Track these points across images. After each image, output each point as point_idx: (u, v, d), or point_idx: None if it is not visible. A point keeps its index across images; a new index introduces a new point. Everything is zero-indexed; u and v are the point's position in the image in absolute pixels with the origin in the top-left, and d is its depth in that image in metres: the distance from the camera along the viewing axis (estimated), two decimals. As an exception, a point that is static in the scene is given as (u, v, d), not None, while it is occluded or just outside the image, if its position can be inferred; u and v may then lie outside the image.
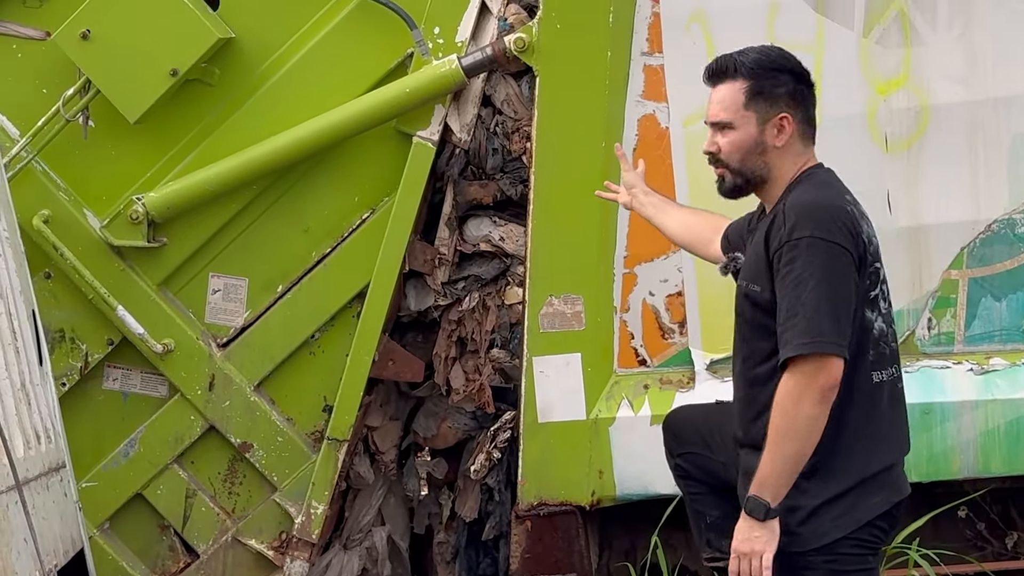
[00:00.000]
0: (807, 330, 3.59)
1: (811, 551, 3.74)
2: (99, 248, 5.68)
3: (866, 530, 3.75)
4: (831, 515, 3.73)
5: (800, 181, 3.83)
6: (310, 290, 5.72)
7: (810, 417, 3.61)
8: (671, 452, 4.46)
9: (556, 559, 5.63)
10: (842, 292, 3.63)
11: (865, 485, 3.74)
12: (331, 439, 5.67)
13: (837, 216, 3.68)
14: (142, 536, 5.91)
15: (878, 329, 3.76)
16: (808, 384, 3.60)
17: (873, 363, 3.75)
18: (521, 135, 5.69)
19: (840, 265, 3.64)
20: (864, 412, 3.74)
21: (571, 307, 5.58)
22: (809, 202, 3.72)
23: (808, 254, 3.63)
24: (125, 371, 5.83)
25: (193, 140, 5.70)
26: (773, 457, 3.66)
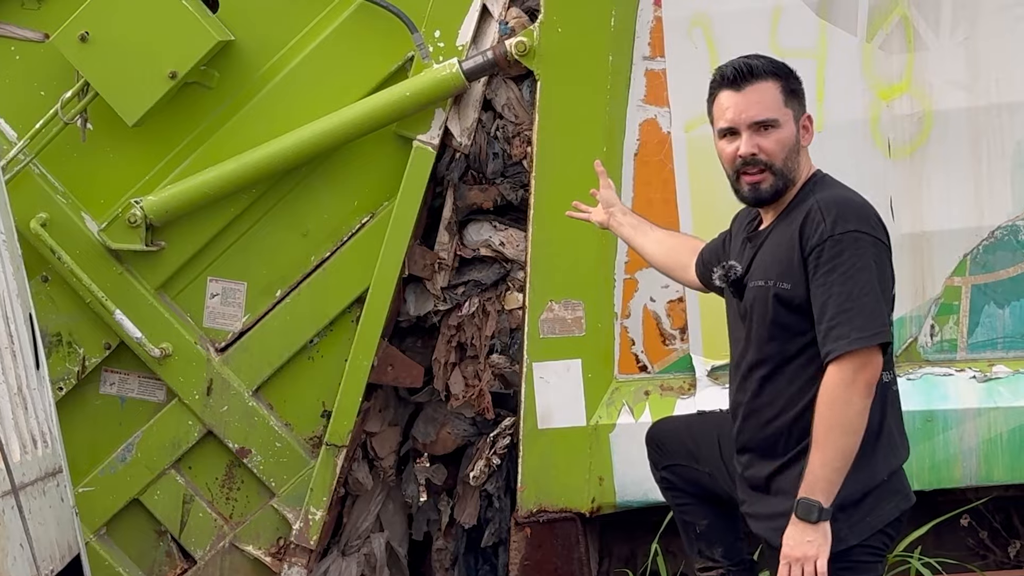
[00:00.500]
0: (866, 324, 3.61)
1: None
2: (97, 252, 5.70)
3: (878, 537, 3.77)
4: (849, 521, 3.72)
5: (816, 183, 3.85)
6: (309, 295, 5.73)
7: (860, 411, 3.62)
8: (656, 465, 4.45)
9: (556, 566, 5.62)
10: (888, 286, 3.71)
11: (880, 490, 3.75)
12: (330, 444, 5.68)
13: (872, 212, 3.74)
14: (139, 542, 5.92)
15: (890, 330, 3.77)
16: (856, 377, 3.61)
17: (885, 362, 3.75)
18: (522, 139, 5.69)
19: (884, 259, 3.71)
20: (879, 412, 3.75)
21: (572, 312, 5.57)
22: (845, 199, 3.76)
23: (856, 247, 3.65)
24: (123, 375, 5.84)
25: (192, 143, 5.71)
26: (825, 455, 3.63)
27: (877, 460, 3.74)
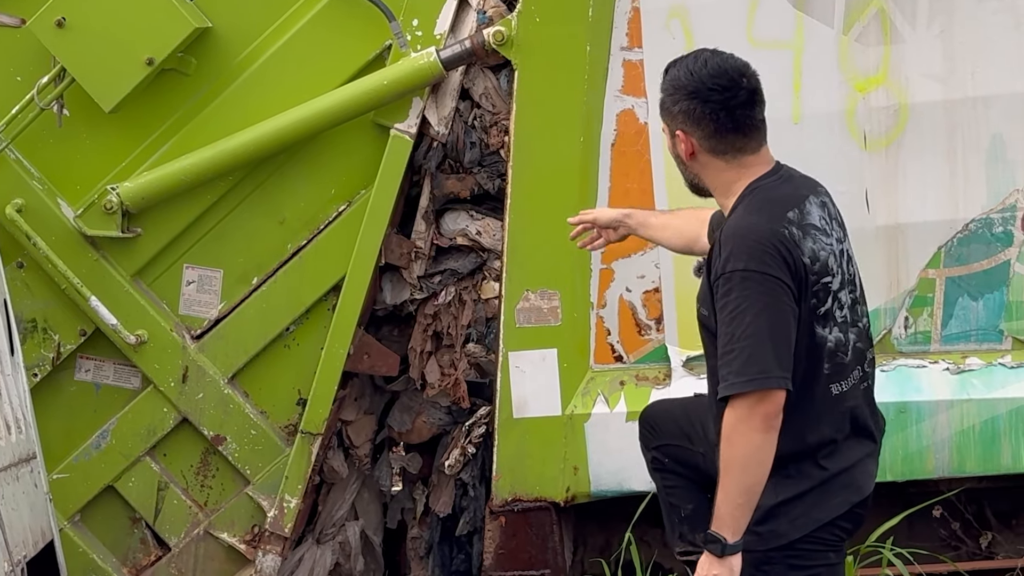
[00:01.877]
0: (744, 368, 3.60)
1: (771, 549, 3.75)
2: (73, 238, 5.67)
3: (826, 529, 3.77)
4: (789, 516, 3.74)
5: (739, 202, 3.80)
6: (285, 283, 5.73)
7: (758, 447, 3.61)
8: (647, 444, 4.48)
9: (530, 555, 5.65)
10: (779, 324, 3.63)
11: (825, 486, 3.76)
12: (305, 432, 5.68)
13: (769, 245, 3.66)
14: (113, 529, 5.91)
15: (833, 341, 3.75)
16: (750, 416, 3.60)
17: (830, 376, 3.75)
18: (499, 129, 5.70)
19: (775, 297, 3.63)
20: (823, 423, 3.76)
21: (548, 302, 5.61)
22: (742, 231, 3.71)
23: (741, 287, 3.63)
24: (98, 362, 5.83)
25: (169, 130, 5.69)
26: (727, 492, 3.65)
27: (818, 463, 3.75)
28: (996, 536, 5.82)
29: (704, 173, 3.87)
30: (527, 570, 5.66)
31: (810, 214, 3.78)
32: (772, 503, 3.73)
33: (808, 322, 3.71)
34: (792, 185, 3.86)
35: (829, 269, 3.75)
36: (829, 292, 3.74)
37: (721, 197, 3.87)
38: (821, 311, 3.73)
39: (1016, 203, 5.48)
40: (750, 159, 3.83)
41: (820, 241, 3.75)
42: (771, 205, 3.76)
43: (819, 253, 3.73)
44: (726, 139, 3.79)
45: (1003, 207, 5.50)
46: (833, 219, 3.86)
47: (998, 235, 5.50)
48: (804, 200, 3.81)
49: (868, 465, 3.87)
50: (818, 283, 3.72)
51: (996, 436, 5.48)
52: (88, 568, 5.84)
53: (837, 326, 3.76)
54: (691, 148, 3.82)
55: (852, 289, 3.86)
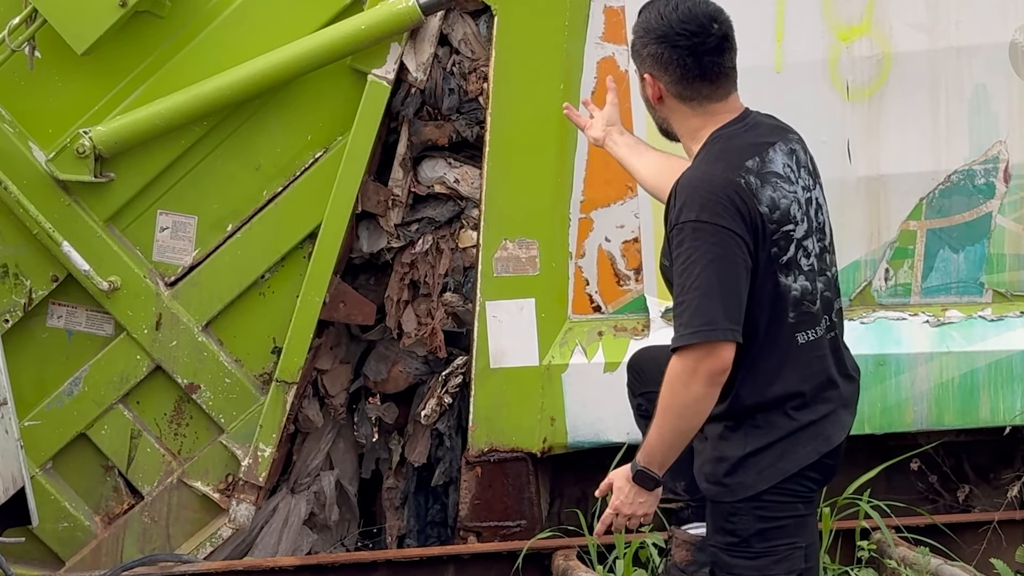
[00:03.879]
0: (692, 319, 3.66)
1: (738, 500, 3.85)
2: (44, 182, 5.64)
3: (795, 480, 3.85)
4: (757, 467, 3.82)
5: (700, 151, 3.85)
6: (260, 230, 5.73)
7: (697, 399, 3.71)
8: (633, 391, 4.52)
9: (506, 506, 5.71)
10: (729, 276, 3.67)
11: (793, 437, 3.83)
12: (280, 381, 5.70)
13: (723, 195, 3.70)
14: (85, 476, 5.92)
15: (799, 289, 3.80)
16: (695, 369, 3.68)
17: (795, 325, 3.81)
18: (478, 75, 5.70)
19: (726, 248, 3.67)
20: (790, 373, 3.82)
21: (526, 251, 5.64)
22: (696, 182, 3.75)
23: (693, 238, 3.68)
24: (70, 309, 5.83)
25: (143, 73, 5.66)
26: (661, 432, 3.76)
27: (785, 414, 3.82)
28: (973, 489, 5.93)
29: (671, 118, 3.94)
30: (503, 521, 5.72)
31: (772, 162, 3.82)
32: (740, 454, 3.84)
33: (770, 271, 3.77)
34: (756, 133, 3.90)
35: (791, 217, 3.79)
36: (791, 240, 3.79)
37: (687, 142, 3.94)
38: (783, 259, 3.78)
39: (999, 155, 5.55)
40: (717, 106, 3.88)
41: (781, 189, 3.79)
42: (730, 154, 3.81)
43: (779, 201, 3.77)
44: (692, 85, 3.85)
45: (986, 159, 5.57)
46: (802, 166, 3.90)
47: (980, 187, 5.57)
48: (768, 148, 3.85)
49: (840, 415, 3.93)
50: (778, 231, 3.76)
51: (975, 389, 5.58)
52: (60, 515, 5.87)
53: (803, 274, 3.82)
54: (658, 92, 3.89)
55: (820, 237, 3.90)
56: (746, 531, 3.87)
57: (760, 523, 3.86)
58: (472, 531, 5.75)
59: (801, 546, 3.93)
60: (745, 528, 3.87)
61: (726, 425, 3.87)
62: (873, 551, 5.34)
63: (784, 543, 3.89)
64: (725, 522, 3.90)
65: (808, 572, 3.98)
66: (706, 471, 3.91)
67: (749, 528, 3.87)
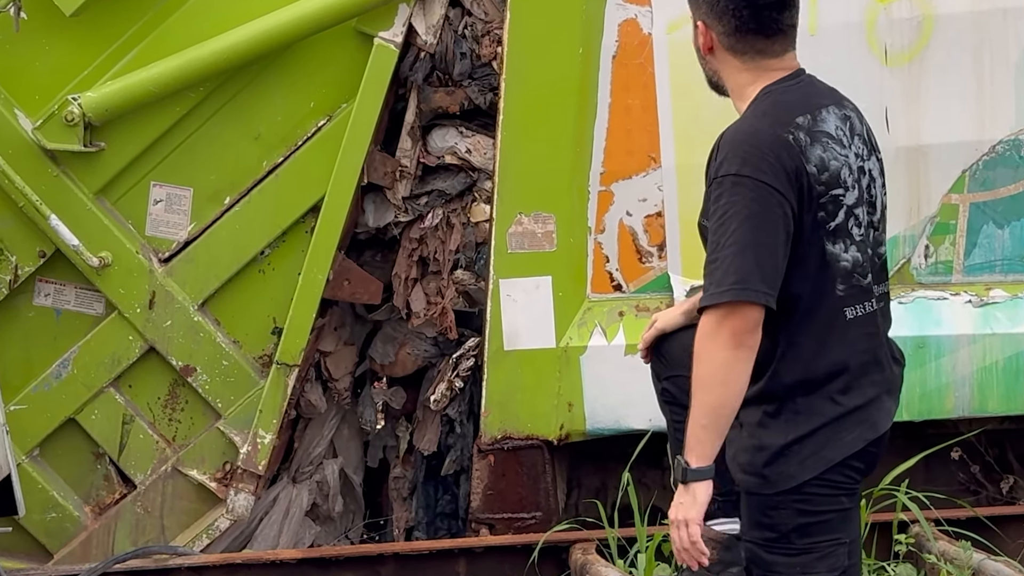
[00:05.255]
0: (723, 278, 3.61)
1: (778, 493, 3.78)
2: (31, 152, 5.63)
3: (838, 470, 3.79)
4: (799, 456, 3.76)
5: (748, 107, 3.82)
6: (260, 203, 5.72)
7: (724, 364, 3.64)
8: (658, 375, 4.48)
9: (520, 496, 5.70)
10: (766, 234, 3.63)
11: (837, 423, 3.77)
12: (280, 364, 5.69)
13: (768, 149, 3.66)
14: (75, 464, 5.92)
15: (849, 260, 3.76)
16: (718, 329, 3.63)
17: (844, 298, 3.76)
18: (492, 39, 5.69)
19: (766, 205, 3.63)
20: (835, 349, 3.77)
21: (542, 226, 5.61)
22: (740, 135, 3.72)
23: (731, 193, 3.64)
24: (58, 286, 5.81)
25: (135, 36, 5.63)
26: (694, 412, 3.70)
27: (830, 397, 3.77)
28: (1018, 480, 5.90)
29: (721, 70, 3.89)
30: (517, 512, 5.71)
31: (824, 121, 3.78)
32: (781, 443, 3.76)
33: (816, 236, 3.71)
34: (809, 92, 3.85)
35: (841, 180, 3.74)
36: (841, 205, 3.74)
37: (736, 99, 3.88)
38: (831, 225, 3.73)
39: (1048, 123, 5.51)
40: (770, 62, 3.83)
41: (832, 150, 3.74)
42: (779, 109, 3.76)
43: (829, 163, 3.73)
44: (746, 39, 3.80)
45: (1034, 128, 5.53)
46: (856, 134, 3.85)
47: (1027, 158, 5.53)
48: (821, 108, 3.80)
49: (885, 401, 3.87)
50: (826, 194, 3.71)
51: (1020, 373, 5.55)
52: (47, 505, 5.86)
53: (855, 244, 3.78)
54: (710, 42, 3.85)
55: (870, 211, 3.86)
56: (786, 526, 3.81)
57: (801, 517, 3.80)
58: (484, 523, 5.73)
59: (844, 542, 3.86)
60: (785, 522, 3.81)
61: (765, 411, 3.79)
62: (911, 545, 5.30)
63: (827, 539, 3.82)
64: (763, 516, 3.83)
65: (851, 570, 3.91)
66: (742, 461, 3.83)
67: (789, 522, 3.80)
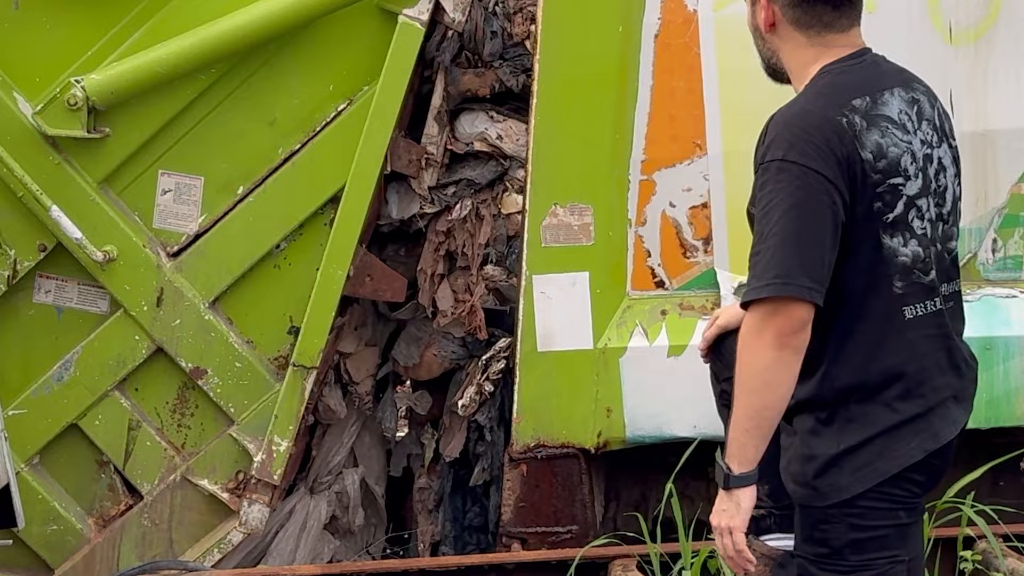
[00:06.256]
0: (765, 271, 3.63)
1: (830, 506, 3.77)
2: (31, 138, 5.65)
3: (894, 483, 3.76)
4: (852, 467, 3.74)
5: (807, 85, 3.83)
6: (276, 193, 5.72)
7: (767, 365, 3.63)
8: (717, 376, 4.51)
9: (555, 509, 5.68)
10: (813, 225, 3.62)
11: (894, 432, 3.75)
12: (297, 366, 5.70)
13: (817, 134, 3.66)
14: (77, 473, 5.94)
15: (908, 255, 3.73)
16: (761, 329, 3.62)
17: (903, 296, 3.73)
18: (524, 16, 5.71)
19: (812, 193, 3.62)
20: (892, 351, 3.74)
21: (578, 218, 5.58)
22: (788, 117, 3.73)
23: (776, 180, 3.65)
24: (60, 282, 5.83)
25: (143, 13, 5.66)
26: (736, 414, 3.72)
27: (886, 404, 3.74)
28: (1096, 493, 5.88)
29: (782, 49, 3.88)
30: (551, 526, 5.69)
31: (886, 105, 3.76)
32: (833, 452, 3.74)
33: (870, 229, 3.69)
34: (873, 72, 3.84)
35: (901, 169, 3.72)
36: (899, 196, 3.71)
37: (797, 81, 3.88)
38: (889, 217, 3.70)
39: None
40: (835, 37, 3.83)
41: (892, 136, 3.72)
42: (835, 90, 3.75)
43: (888, 149, 3.70)
44: (813, 9, 3.80)
45: (1112, 111, 5.55)
46: (925, 119, 3.82)
47: (1103, 144, 5.56)
48: (883, 90, 3.78)
49: (951, 409, 3.84)
50: (883, 183, 3.69)
51: (1095, 377, 5.56)
52: (48, 517, 5.88)
53: (915, 238, 3.74)
54: (772, 17, 3.85)
55: (939, 203, 3.83)
56: (838, 541, 3.79)
57: (854, 532, 3.78)
58: (516, 537, 5.73)
59: (903, 559, 3.84)
60: (837, 537, 3.79)
61: (817, 417, 3.78)
62: (978, 562, 5.29)
63: (883, 556, 3.80)
64: (814, 530, 3.82)
65: (911, 589, 3.93)
66: (793, 471, 3.83)
67: (842, 538, 3.78)
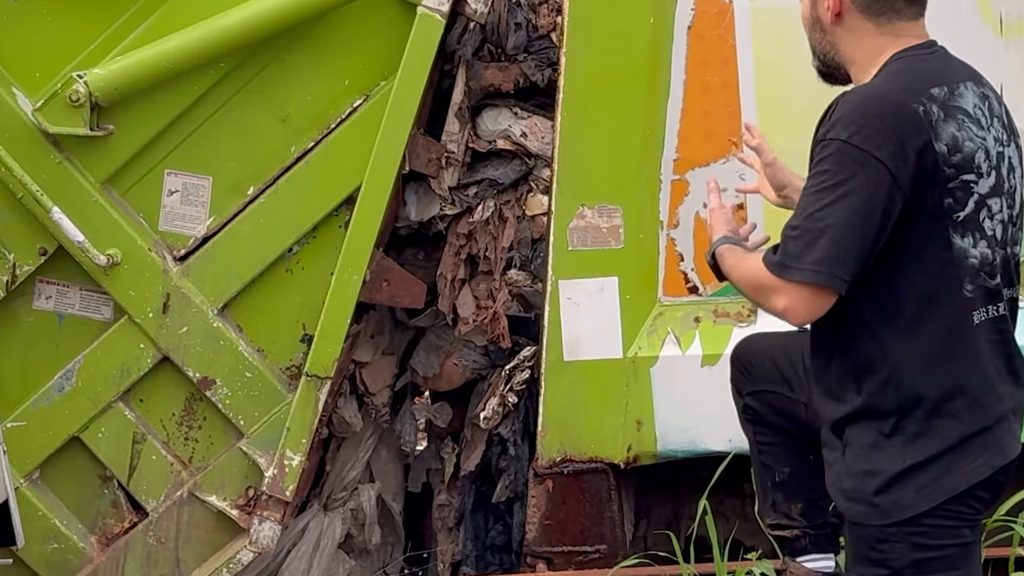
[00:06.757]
0: (803, 252, 3.62)
1: (891, 524, 3.73)
2: (30, 136, 5.59)
3: (960, 500, 3.72)
4: (916, 483, 3.70)
5: (882, 70, 3.79)
6: (288, 193, 5.68)
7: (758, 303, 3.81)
8: (739, 390, 4.48)
9: (582, 527, 5.65)
10: (862, 217, 3.60)
11: (962, 447, 3.71)
12: (311, 376, 5.65)
13: (890, 120, 3.63)
14: (79, 489, 5.91)
15: (978, 257, 3.69)
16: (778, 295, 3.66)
17: (972, 300, 3.70)
18: (550, 7, 5.72)
19: (872, 184, 3.59)
20: (962, 360, 3.72)
21: (607, 220, 5.56)
22: (862, 97, 3.71)
23: (835, 161, 3.63)
24: (61, 287, 5.77)
25: (148, 5, 5.59)
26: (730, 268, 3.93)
27: (953, 416, 3.71)
28: None
29: (847, 41, 3.84)
30: (579, 545, 5.66)
31: (962, 97, 3.74)
32: (897, 468, 3.70)
33: (939, 226, 3.66)
34: (945, 64, 3.83)
35: (975, 165, 3.67)
36: (972, 194, 3.67)
37: (861, 73, 3.83)
38: (960, 215, 3.66)
39: None
40: (906, 27, 3.80)
41: (968, 130, 3.69)
42: (913, 76, 3.72)
43: (963, 143, 3.66)
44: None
45: None
46: (996, 116, 3.79)
47: None
48: (959, 82, 3.77)
49: (1012, 422, 3.81)
50: (956, 179, 3.65)
51: None
52: (49, 535, 5.85)
53: (985, 240, 3.71)
54: (839, 6, 3.81)
55: (1009, 204, 3.79)
56: (899, 562, 3.75)
57: (917, 552, 3.73)
58: (541, 557, 5.71)
59: None
60: (898, 558, 3.74)
61: (879, 430, 3.73)
62: None
63: None
64: (872, 550, 3.76)
65: (971, 610, 3.90)
66: (847, 487, 3.79)
67: (903, 558, 3.74)
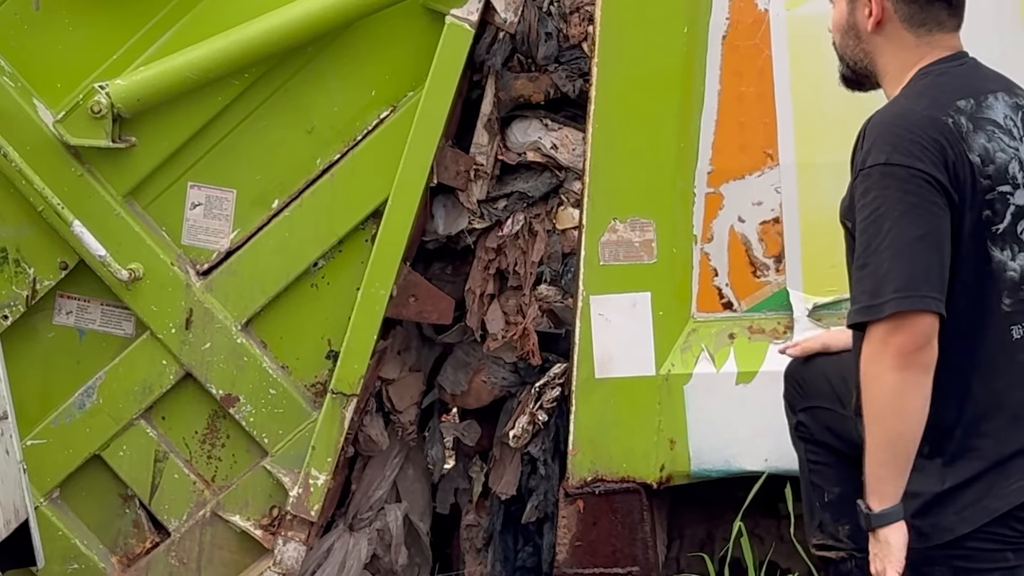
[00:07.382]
0: (879, 286, 3.60)
1: (932, 547, 3.73)
2: (52, 148, 5.62)
3: (1002, 522, 3.73)
4: (956, 505, 3.71)
5: (909, 84, 3.82)
6: (313, 206, 5.69)
7: (893, 391, 3.60)
8: (792, 406, 4.49)
9: (614, 548, 5.62)
10: (928, 231, 3.60)
11: (1002, 467, 3.72)
12: (336, 393, 5.65)
13: (923, 134, 3.64)
14: (100, 508, 5.92)
15: (1017, 270, 3.72)
16: (882, 348, 3.60)
17: (1011, 315, 3.72)
18: (582, 16, 5.72)
19: (923, 197, 3.61)
20: (1001, 376, 3.73)
21: (640, 234, 5.53)
22: (890, 118, 3.72)
23: (881, 186, 3.63)
24: (82, 303, 5.80)
25: (171, 15, 5.64)
26: (868, 450, 3.69)
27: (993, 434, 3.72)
28: None
29: (883, 50, 3.86)
30: (611, 567, 5.63)
31: (991, 108, 3.76)
32: (937, 490, 3.71)
33: (978, 239, 3.67)
34: (974, 75, 3.85)
35: (1009, 176, 3.71)
36: (1008, 205, 3.70)
37: (891, 85, 3.86)
38: (999, 228, 3.68)
39: None
40: (943, 38, 3.84)
41: (999, 140, 3.73)
42: (938, 91, 3.75)
43: (995, 154, 3.70)
44: (931, 6, 3.81)
45: None
46: None
47: None
48: (988, 93, 3.79)
49: None
50: (992, 190, 3.68)
51: None
52: (69, 555, 5.86)
53: (1023, 252, 3.74)
54: (880, 14, 3.83)
55: None
56: None
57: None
58: None
59: None
60: None
61: (919, 451, 3.70)
62: None
63: None
64: (915, 574, 3.74)
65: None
66: None
67: None
